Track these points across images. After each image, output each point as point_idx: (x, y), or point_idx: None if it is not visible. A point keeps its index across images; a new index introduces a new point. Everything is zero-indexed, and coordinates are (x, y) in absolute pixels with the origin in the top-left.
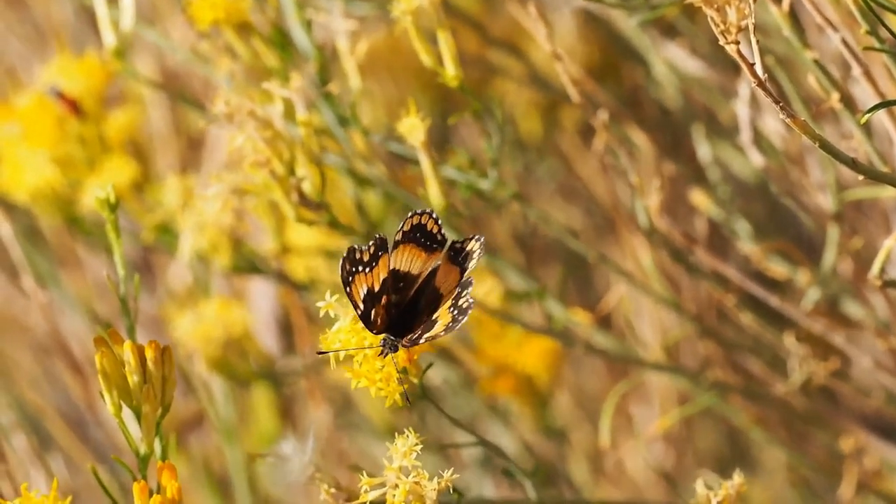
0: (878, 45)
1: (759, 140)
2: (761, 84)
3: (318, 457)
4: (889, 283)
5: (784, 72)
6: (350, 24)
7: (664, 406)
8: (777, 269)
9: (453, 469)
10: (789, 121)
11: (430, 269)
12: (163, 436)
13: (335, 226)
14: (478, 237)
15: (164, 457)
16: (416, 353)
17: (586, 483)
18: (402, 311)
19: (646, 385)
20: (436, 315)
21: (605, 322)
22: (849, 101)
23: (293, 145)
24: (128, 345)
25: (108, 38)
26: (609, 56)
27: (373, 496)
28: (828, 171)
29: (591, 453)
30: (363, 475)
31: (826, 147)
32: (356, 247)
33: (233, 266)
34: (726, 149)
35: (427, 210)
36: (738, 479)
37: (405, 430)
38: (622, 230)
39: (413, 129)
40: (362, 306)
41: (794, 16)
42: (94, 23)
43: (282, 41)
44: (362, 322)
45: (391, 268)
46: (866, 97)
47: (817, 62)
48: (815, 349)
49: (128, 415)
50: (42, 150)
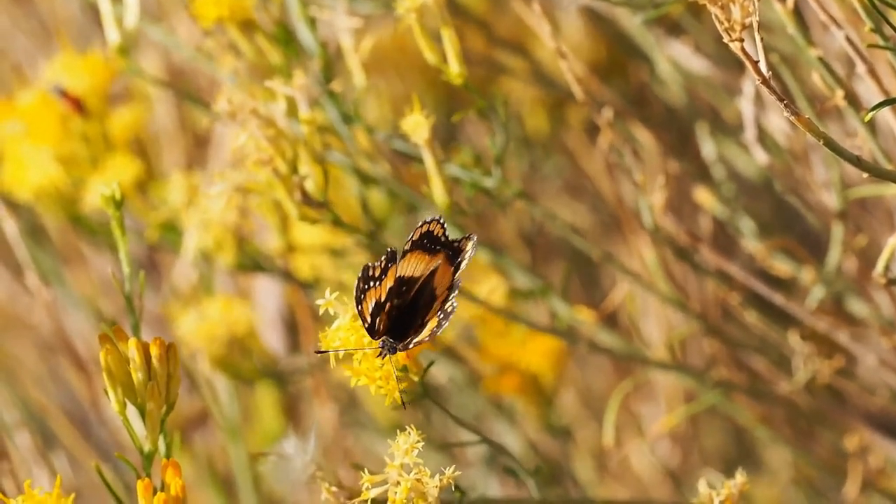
0: (882, 42)
1: (764, 138)
2: (766, 82)
3: (321, 455)
4: (894, 281)
5: (788, 70)
6: (354, 21)
7: (669, 404)
8: (782, 267)
9: (456, 467)
10: (794, 118)
11: (431, 270)
12: (167, 434)
13: (338, 224)
14: (471, 236)
15: (169, 455)
16: (417, 352)
17: (591, 481)
18: (403, 313)
19: (651, 383)
20: (427, 318)
21: (610, 320)
22: (853, 99)
23: (296, 143)
24: (132, 342)
25: (113, 36)
26: (614, 54)
27: (374, 493)
28: (832, 169)
29: (596, 452)
30: (365, 472)
31: (831, 145)
32: (370, 265)
33: (237, 264)
34: (731, 147)
35: (438, 218)
36: (740, 478)
37: (408, 427)
38: (627, 228)
39: (417, 127)
40: (369, 319)
41: (798, 13)
42: (98, 20)
43: (286, 38)
44: (367, 332)
45: (398, 275)
46: (871, 95)
47: (822, 60)
48: (819, 347)
49: (132, 413)
50: (46, 147)
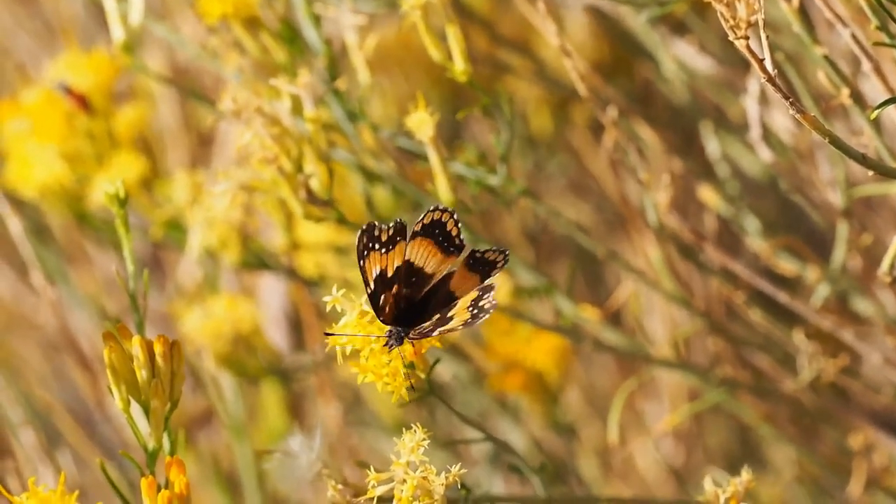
0: (888, 40)
1: (769, 136)
2: (771, 79)
3: (326, 453)
4: None
5: (794, 68)
6: (359, 18)
7: (673, 402)
8: (786, 265)
9: (462, 465)
10: (799, 116)
11: (445, 272)
12: (171, 431)
13: (343, 222)
14: (502, 250)
15: (173, 452)
16: (424, 348)
17: (595, 479)
18: (411, 307)
19: (655, 382)
20: (451, 314)
21: (615, 318)
22: (859, 97)
23: (301, 141)
24: (136, 339)
25: (117, 33)
26: (618, 53)
27: (380, 491)
28: (837, 168)
29: (601, 450)
30: (371, 470)
31: (836, 143)
32: (376, 223)
33: (242, 262)
34: (735, 145)
35: (449, 209)
36: (746, 475)
37: (413, 425)
38: (632, 226)
39: (422, 125)
40: (373, 285)
41: (803, 12)
42: (102, 18)
43: (290, 36)
44: (370, 303)
45: (406, 258)
46: (876, 93)
47: (827, 58)
48: (824, 346)
49: (136, 410)
50: (51, 145)
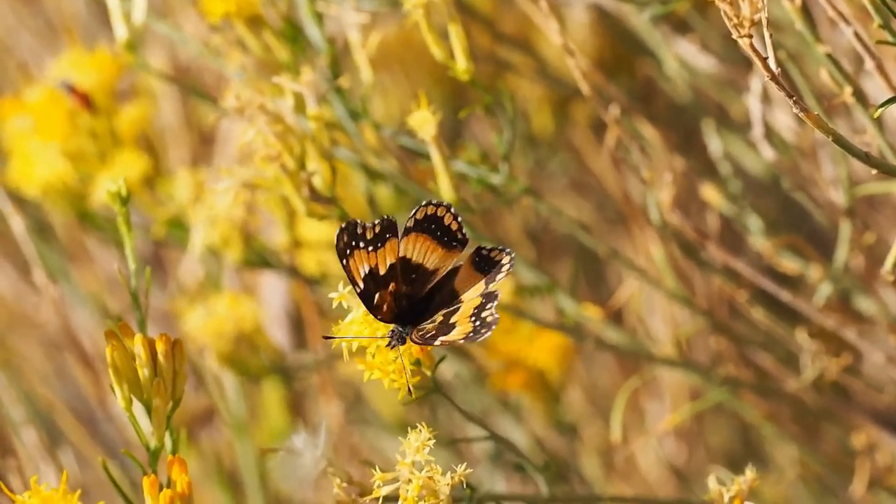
0: (890, 38)
1: (771, 135)
2: (774, 78)
3: (329, 452)
4: None
5: (796, 66)
6: (361, 17)
7: (676, 402)
8: (789, 264)
9: (466, 464)
10: (802, 115)
11: (450, 267)
12: (173, 430)
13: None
14: (508, 250)
15: (175, 451)
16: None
17: (598, 478)
18: (414, 305)
19: (657, 380)
20: (454, 319)
21: (617, 317)
22: (861, 96)
23: (304, 139)
24: (138, 338)
25: (120, 32)
26: (620, 51)
27: (385, 491)
28: (840, 166)
29: (603, 449)
30: (376, 470)
31: (839, 141)
32: (357, 221)
33: (244, 260)
34: (738, 144)
35: (443, 203)
36: (750, 474)
37: (417, 424)
38: (634, 225)
39: (424, 123)
40: (362, 285)
41: (806, 10)
42: (105, 16)
43: (293, 34)
44: (362, 302)
45: (400, 255)
46: (879, 91)
47: (830, 56)
48: (827, 345)
49: (138, 409)
50: (53, 143)
